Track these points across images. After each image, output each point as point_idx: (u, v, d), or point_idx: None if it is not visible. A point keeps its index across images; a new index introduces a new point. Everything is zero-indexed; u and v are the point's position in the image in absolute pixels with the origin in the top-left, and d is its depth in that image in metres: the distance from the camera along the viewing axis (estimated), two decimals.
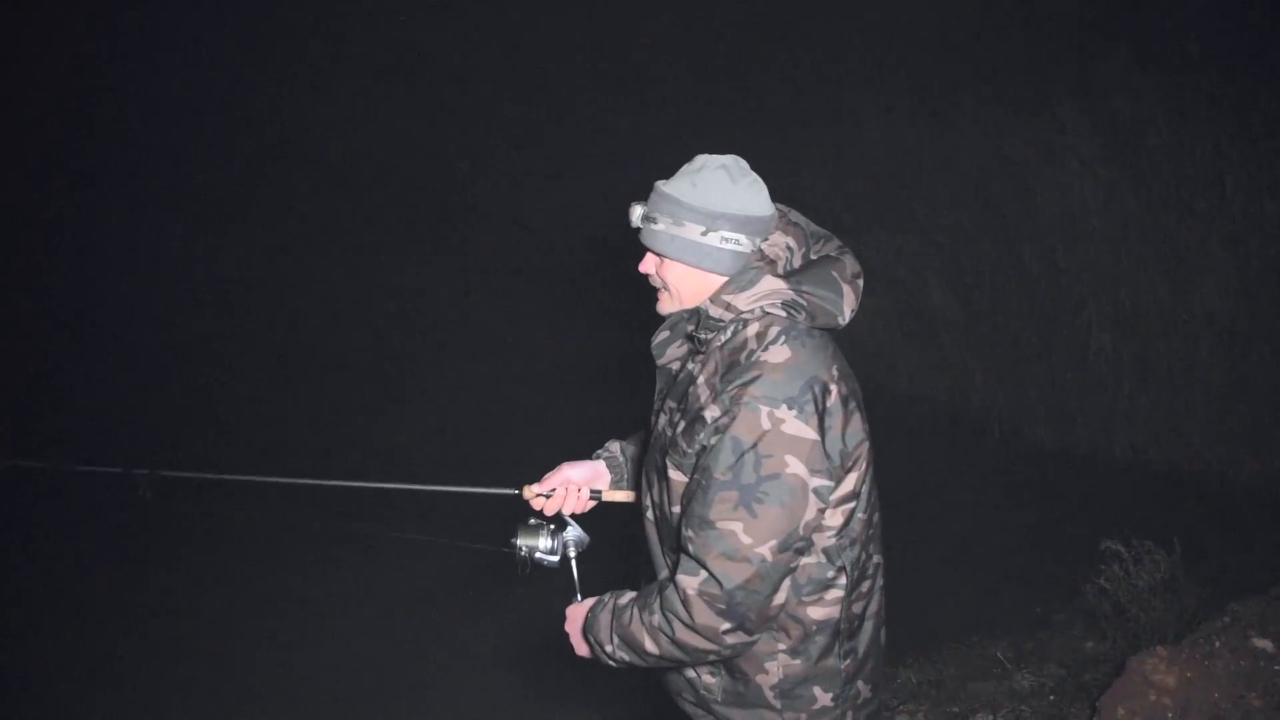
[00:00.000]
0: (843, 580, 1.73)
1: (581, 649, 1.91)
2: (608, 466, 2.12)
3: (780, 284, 1.66)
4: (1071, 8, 6.72)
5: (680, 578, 1.64)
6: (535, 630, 4.38)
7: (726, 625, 1.62)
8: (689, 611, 1.62)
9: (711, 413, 1.62)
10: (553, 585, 2.08)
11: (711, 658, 1.71)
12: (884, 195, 7.98)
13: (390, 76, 11.49)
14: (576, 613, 1.92)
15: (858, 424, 1.69)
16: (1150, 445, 6.12)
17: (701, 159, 1.71)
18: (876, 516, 1.80)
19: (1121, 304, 6.38)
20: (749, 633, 1.65)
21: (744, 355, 1.64)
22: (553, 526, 2.05)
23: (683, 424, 1.68)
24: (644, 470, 1.89)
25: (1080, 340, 6.57)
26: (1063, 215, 6.73)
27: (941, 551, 5.30)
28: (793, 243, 1.76)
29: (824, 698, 1.78)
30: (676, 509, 1.73)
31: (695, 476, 1.65)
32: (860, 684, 1.82)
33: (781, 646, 1.74)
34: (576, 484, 2.06)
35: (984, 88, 7.21)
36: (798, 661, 1.75)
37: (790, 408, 1.58)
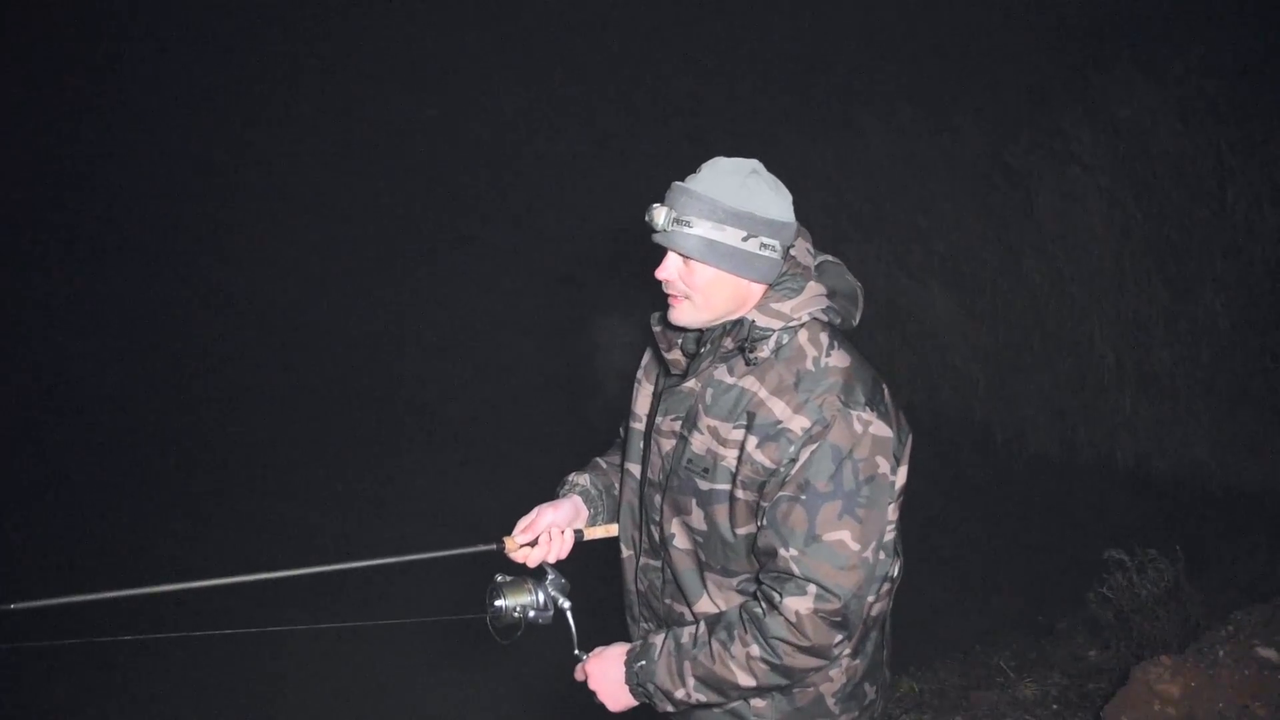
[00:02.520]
0: (896, 571, 1.72)
1: (621, 703, 1.72)
2: (584, 502, 1.94)
3: (820, 289, 1.65)
4: (1074, 17, 6.74)
5: (787, 601, 1.55)
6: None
7: (839, 636, 1.58)
8: (803, 633, 1.55)
9: (799, 423, 1.56)
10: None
11: (812, 675, 1.66)
12: (887, 204, 7.98)
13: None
14: (602, 666, 1.73)
15: (903, 419, 1.69)
16: (1153, 453, 6.12)
17: (731, 161, 1.62)
18: None
19: (1123, 312, 6.38)
20: (851, 639, 1.62)
21: (809, 363, 1.60)
22: (534, 579, 1.81)
23: (753, 439, 1.59)
24: (665, 496, 1.74)
25: (1083, 348, 6.57)
26: (1065, 224, 6.74)
27: (944, 560, 5.29)
28: (810, 248, 1.72)
29: (870, 691, 1.78)
30: (743, 530, 1.65)
31: (783, 493, 1.57)
32: (886, 670, 1.84)
33: (846, 650, 1.69)
34: (560, 527, 1.85)
35: (986, 96, 7.23)
36: (858, 661, 1.74)
37: (872, 409, 1.57)
